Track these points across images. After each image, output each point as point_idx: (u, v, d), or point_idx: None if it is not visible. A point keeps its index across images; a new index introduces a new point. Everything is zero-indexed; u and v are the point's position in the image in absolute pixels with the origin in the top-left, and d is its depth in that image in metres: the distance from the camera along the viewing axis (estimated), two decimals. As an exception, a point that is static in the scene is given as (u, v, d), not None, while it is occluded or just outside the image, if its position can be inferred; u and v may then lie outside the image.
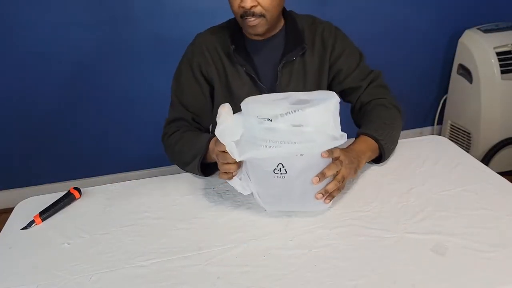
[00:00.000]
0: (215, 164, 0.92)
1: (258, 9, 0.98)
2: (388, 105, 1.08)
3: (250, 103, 0.80)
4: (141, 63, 2.03)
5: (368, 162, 1.02)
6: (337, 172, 0.84)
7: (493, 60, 2.00)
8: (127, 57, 2.01)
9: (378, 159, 1.03)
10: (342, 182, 0.86)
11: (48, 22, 1.86)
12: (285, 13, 1.12)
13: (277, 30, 1.10)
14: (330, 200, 0.85)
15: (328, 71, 1.14)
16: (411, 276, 0.70)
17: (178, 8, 1.96)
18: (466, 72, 2.13)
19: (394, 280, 0.70)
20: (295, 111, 0.75)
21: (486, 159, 2.06)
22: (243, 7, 0.97)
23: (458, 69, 2.19)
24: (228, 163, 0.84)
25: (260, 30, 1.02)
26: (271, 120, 0.76)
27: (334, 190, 0.84)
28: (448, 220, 0.84)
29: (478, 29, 2.10)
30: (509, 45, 2.01)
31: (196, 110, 1.14)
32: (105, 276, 0.77)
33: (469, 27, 2.15)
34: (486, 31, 2.07)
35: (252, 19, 0.99)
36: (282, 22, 1.11)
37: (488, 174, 0.99)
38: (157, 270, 0.77)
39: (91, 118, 2.11)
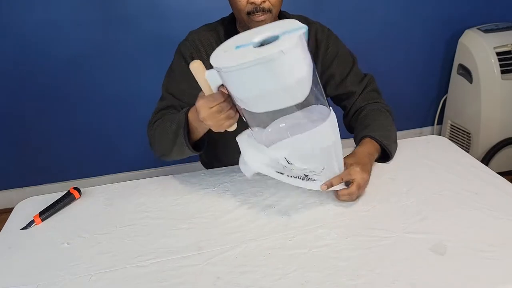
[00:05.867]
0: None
1: (266, 4, 0.98)
2: (382, 109, 1.12)
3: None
4: (142, 63, 2.03)
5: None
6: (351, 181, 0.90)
7: (493, 60, 1.99)
8: (128, 57, 2.01)
9: (382, 158, 1.07)
10: (359, 190, 0.90)
11: (48, 22, 1.86)
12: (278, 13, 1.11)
13: None
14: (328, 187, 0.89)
15: (321, 75, 1.14)
16: (411, 276, 0.70)
17: (177, 8, 1.96)
18: (466, 72, 2.13)
19: (393, 279, 0.70)
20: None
21: (486, 159, 2.06)
22: (253, 3, 0.97)
23: (458, 69, 2.19)
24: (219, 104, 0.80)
25: None
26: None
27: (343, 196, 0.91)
28: (448, 220, 0.84)
29: (478, 29, 2.10)
30: (509, 45, 2.01)
31: (188, 99, 1.07)
32: (105, 276, 0.77)
33: (469, 27, 2.15)
34: (486, 31, 2.07)
35: (260, 14, 0.99)
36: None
37: (488, 174, 0.99)
38: (157, 270, 0.77)
39: (91, 118, 2.11)
